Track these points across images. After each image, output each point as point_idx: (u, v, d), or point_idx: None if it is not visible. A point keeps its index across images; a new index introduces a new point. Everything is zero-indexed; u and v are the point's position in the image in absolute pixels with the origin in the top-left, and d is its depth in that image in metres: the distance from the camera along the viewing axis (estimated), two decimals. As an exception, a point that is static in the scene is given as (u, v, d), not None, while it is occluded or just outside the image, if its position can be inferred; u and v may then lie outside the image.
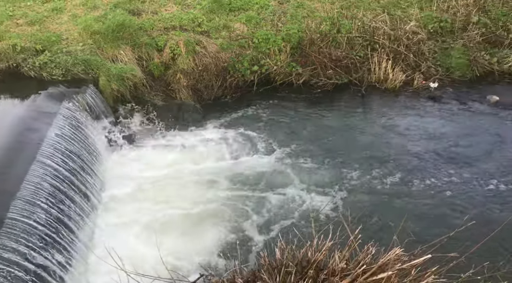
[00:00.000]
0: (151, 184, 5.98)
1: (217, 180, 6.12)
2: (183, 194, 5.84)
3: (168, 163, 6.36)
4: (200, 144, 6.80)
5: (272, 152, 6.71)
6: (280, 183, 6.12)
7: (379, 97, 8.06)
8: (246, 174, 6.23)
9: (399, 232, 4.33)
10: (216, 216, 5.56)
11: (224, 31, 8.61)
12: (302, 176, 6.20)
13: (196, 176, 6.15)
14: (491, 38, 8.66)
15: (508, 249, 4.08)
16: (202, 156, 6.56)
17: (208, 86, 8.14)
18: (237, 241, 5.18)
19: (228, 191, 5.93)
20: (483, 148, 6.47)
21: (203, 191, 5.92)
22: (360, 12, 9.05)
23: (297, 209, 5.67)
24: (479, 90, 7.94)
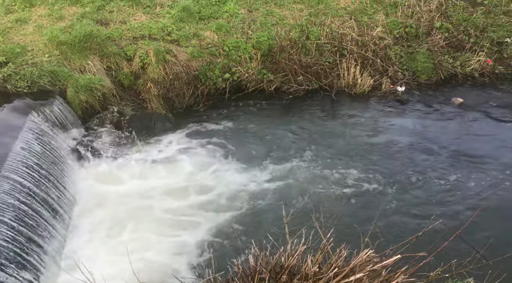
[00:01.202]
0: (119, 199, 5.87)
1: (187, 192, 6.04)
2: (152, 214, 5.76)
3: (137, 177, 6.25)
4: (171, 155, 6.72)
5: (245, 159, 6.70)
6: (253, 189, 6.12)
7: (349, 102, 8.21)
8: (218, 185, 6.19)
9: (371, 234, 4.41)
10: (186, 227, 5.51)
11: (194, 39, 8.61)
12: (276, 181, 6.22)
13: (166, 190, 6.06)
14: (453, 43, 8.97)
15: (474, 246, 4.19)
16: (174, 168, 6.47)
17: (180, 95, 8.10)
18: (212, 250, 5.16)
19: (197, 202, 5.87)
20: (449, 148, 6.66)
21: (173, 204, 5.84)
22: (328, 19, 9.22)
23: (270, 214, 5.68)
24: (444, 92, 8.20)
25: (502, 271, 3.87)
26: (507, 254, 3.87)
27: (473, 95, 8.01)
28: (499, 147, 6.60)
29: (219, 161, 6.65)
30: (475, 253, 4.02)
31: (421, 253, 3.97)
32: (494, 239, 4.64)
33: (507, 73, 8.50)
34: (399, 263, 4.05)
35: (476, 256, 3.99)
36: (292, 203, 5.81)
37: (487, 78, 8.47)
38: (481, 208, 5.25)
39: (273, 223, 5.51)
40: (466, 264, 3.93)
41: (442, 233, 4.55)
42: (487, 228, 5.08)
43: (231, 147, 6.98)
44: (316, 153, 6.76)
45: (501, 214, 5.34)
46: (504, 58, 8.75)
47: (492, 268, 3.90)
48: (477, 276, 3.89)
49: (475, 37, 8.97)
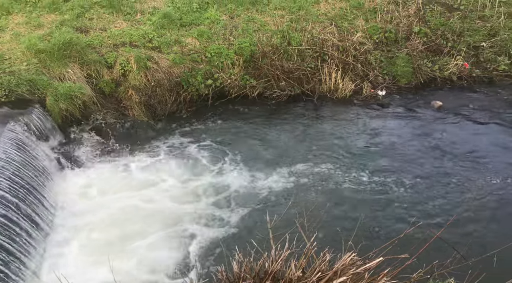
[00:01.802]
0: (100, 211, 5.78)
1: (167, 201, 5.99)
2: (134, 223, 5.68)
3: (119, 187, 6.15)
4: (153, 164, 6.64)
5: (230, 166, 6.68)
6: (238, 194, 6.11)
7: (330, 106, 8.28)
8: (204, 192, 6.16)
9: (354, 237, 4.44)
10: (168, 236, 5.46)
11: (175, 46, 8.58)
12: (260, 187, 6.22)
13: (148, 199, 5.98)
14: (432, 47, 9.15)
15: (454, 247, 4.25)
16: (156, 177, 6.39)
17: (162, 101, 8.05)
18: (196, 257, 5.12)
19: (179, 212, 5.81)
20: (430, 150, 6.77)
21: (155, 215, 5.78)
22: (309, 25, 9.31)
23: (254, 220, 5.67)
24: (424, 96, 8.34)
25: (481, 271, 3.92)
26: (486, 254, 3.93)
27: (452, 98, 8.16)
28: (477, 148, 6.73)
29: (202, 168, 6.61)
30: (455, 253, 4.08)
31: (403, 255, 4.02)
32: (474, 239, 4.74)
33: (483, 76, 8.69)
34: (382, 265, 4.08)
35: (456, 257, 4.05)
36: (276, 208, 5.81)
37: (465, 81, 8.65)
38: (461, 209, 5.34)
39: (258, 229, 5.50)
40: (447, 265, 3.99)
41: (423, 235, 4.62)
42: (466, 229, 5.17)
43: (215, 153, 6.95)
44: (299, 158, 6.78)
45: (479, 215, 5.44)
46: (480, 62, 8.96)
47: (471, 268, 3.96)
48: (458, 276, 3.94)
49: (452, 41, 9.16)
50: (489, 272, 4.02)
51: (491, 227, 5.22)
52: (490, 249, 4.03)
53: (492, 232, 5.13)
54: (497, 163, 6.40)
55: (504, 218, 5.37)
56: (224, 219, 5.72)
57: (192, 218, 5.70)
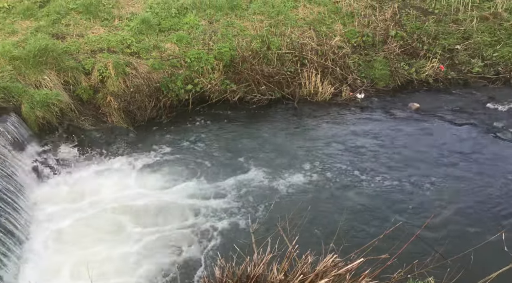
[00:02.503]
0: (76, 218, 5.68)
1: (147, 209, 5.91)
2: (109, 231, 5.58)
3: (95, 194, 6.05)
4: (133, 171, 6.54)
5: (210, 171, 6.65)
6: (218, 201, 6.07)
7: (311, 109, 8.34)
8: (184, 200, 6.10)
9: (336, 238, 4.47)
10: (145, 246, 5.40)
11: (154, 51, 8.53)
12: (240, 190, 6.21)
13: (128, 208, 5.90)
14: (408, 50, 9.33)
15: (433, 246, 4.33)
16: (135, 185, 6.30)
17: (141, 107, 7.98)
18: (177, 265, 5.06)
19: (157, 220, 5.74)
20: (407, 151, 6.87)
21: (134, 223, 5.70)
22: (288, 29, 9.39)
23: (236, 225, 5.65)
24: (401, 98, 8.49)
25: (459, 268, 4.00)
26: (463, 252, 4.00)
27: (429, 100, 8.33)
28: (452, 148, 6.87)
29: (182, 174, 6.55)
30: (434, 252, 4.15)
31: (383, 255, 4.06)
32: (451, 238, 4.83)
33: (458, 78, 8.89)
34: (363, 266, 4.12)
35: (435, 256, 4.12)
36: (258, 213, 5.80)
37: (441, 83, 8.84)
38: (438, 208, 5.44)
39: (240, 234, 5.48)
40: (427, 264, 4.05)
41: (403, 235, 4.68)
42: (444, 228, 5.26)
43: (195, 158, 6.91)
44: (280, 161, 6.80)
45: (456, 214, 5.54)
46: (455, 64, 9.17)
47: (450, 266, 4.03)
48: (437, 275, 4.00)
49: (428, 44, 9.36)
50: (467, 270, 4.10)
51: (467, 225, 5.32)
52: (467, 247, 4.10)
53: (468, 230, 5.23)
54: (472, 162, 6.54)
55: (480, 216, 5.48)
56: (205, 225, 5.68)
57: (175, 227, 5.64)
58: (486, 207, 5.64)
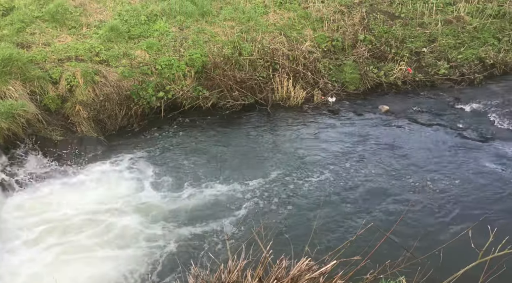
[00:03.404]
0: (43, 231, 5.51)
1: (116, 220, 5.81)
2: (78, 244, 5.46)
3: (64, 207, 5.91)
4: (104, 182, 6.40)
5: (182, 178, 6.58)
6: (192, 209, 6.02)
7: (284, 114, 8.40)
8: (157, 208, 6.01)
9: (310, 242, 4.50)
10: (116, 257, 5.29)
11: (124, 59, 8.42)
12: (214, 197, 6.17)
13: (88, 219, 5.77)
14: (377, 53, 9.54)
15: (404, 246, 4.41)
16: (105, 197, 6.15)
17: (112, 116, 7.84)
18: (150, 275, 4.99)
19: (128, 231, 5.64)
20: (377, 153, 7.00)
21: (104, 234, 5.58)
22: (259, 35, 9.45)
23: (210, 232, 5.60)
24: (371, 101, 8.65)
25: (429, 267, 4.10)
26: (433, 250, 4.10)
27: (398, 102, 8.52)
28: (421, 149, 7.05)
29: (152, 184, 6.45)
30: (405, 252, 4.23)
31: (356, 257, 4.11)
32: (421, 237, 4.93)
33: (426, 80, 9.14)
34: (337, 268, 4.16)
35: (406, 255, 4.20)
36: (232, 220, 5.78)
37: (409, 85, 9.06)
38: (408, 208, 5.55)
39: (215, 241, 5.45)
40: (399, 263, 4.13)
41: (375, 235, 4.76)
42: (414, 227, 5.38)
43: (167, 167, 6.82)
44: (254, 166, 6.80)
45: (426, 212, 5.68)
46: (422, 67, 9.43)
47: (421, 264, 4.12)
48: (408, 274, 4.08)
49: (395, 48, 9.60)
50: (437, 267, 4.21)
51: (436, 223, 5.46)
52: (436, 245, 4.20)
53: (437, 229, 5.36)
54: (439, 162, 6.72)
55: (447, 214, 5.63)
56: (179, 235, 5.61)
57: (144, 237, 5.54)
58: (453, 205, 5.80)
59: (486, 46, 9.63)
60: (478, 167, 6.57)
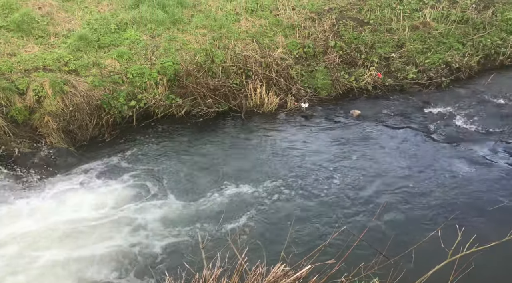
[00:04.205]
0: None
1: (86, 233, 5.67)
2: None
3: (28, 223, 5.72)
4: (74, 195, 6.25)
5: (153, 190, 6.48)
6: (167, 219, 5.95)
7: (258, 120, 8.43)
8: (132, 221, 5.91)
9: (286, 247, 4.52)
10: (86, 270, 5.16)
11: (94, 68, 8.28)
12: (187, 207, 6.12)
13: (63, 233, 5.63)
14: (347, 59, 9.71)
15: (377, 248, 4.48)
16: (75, 211, 6.02)
17: (82, 126, 7.68)
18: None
19: (102, 246, 5.53)
20: (349, 156, 7.12)
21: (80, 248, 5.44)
22: (231, 42, 9.48)
23: (186, 242, 5.54)
24: (343, 106, 8.79)
25: (402, 267, 4.17)
26: (405, 251, 4.18)
27: (368, 107, 8.69)
28: (392, 151, 7.20)
29: (122, 195, 6.33)
30: (378, 254, 4.30)
31: (330, 260, 4.15)
32: (394, 238, 5.02)
33: (395, 84, 9.35)
34: (313, 272, 4.19)
35: (380, 257, 4.27)
36: (207, 229, 5.74)
37: (379, 90, 9.25)
38: (380, 210, 5.65)
39: (190, 251, 5.39)
40: (373, 265, 4.19)
41: (349, 238, 4.82)
42: (386, 229, 5.48)
43: (139, 177, 6.71)
44: (228, 174, 6.79)
45: (397, 214, 5.79)
46: (392, 72, 9.66)
47: (393, 266, 4.19)
48: (382, 275, 4.14)
49: (365, 53, 9.80)
50: (409, 268, 4.29)
51: (407, 224, 5.58)
52: (408, 246, 4.29)
53: (408, 230, 5.47)
54: (409, 163, 6.88)
55: (418, 214, 5.76)
56: (154, 244, 5.53)
57: (118, 251, 5.43)
58: (423, 206, 5.94)
59: (451, 50, 9.96)
60: (446, 168, 6.76)
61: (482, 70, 9.83)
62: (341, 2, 11.04)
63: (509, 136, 7.48)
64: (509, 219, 5.66)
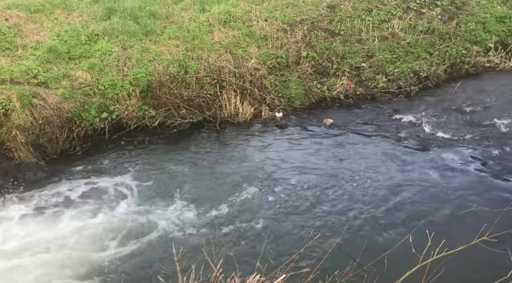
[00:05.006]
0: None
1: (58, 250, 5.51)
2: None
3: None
4: (44, 211, 6.07)
5: (126, 204, 6.37)
6: (139, 231, 5.85)
7: (232, 131, 8.44)
8: (106, 234, 5.78)
9: (262, 257, 4.50)
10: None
11: (64, 80, 8.13)
12: (161, 220, 6.04)
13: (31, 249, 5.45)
14: (319, 69, 9.88)
15: (351, 255, 4.52)
16: (41, 224, 5.84)
17: (52, 139, 7.50)
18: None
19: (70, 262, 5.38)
20: (322, 165, 7.20)
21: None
22: (204, 53, 9.49)
23: (159, 254, 5.46)
24: (316, 115, 8.91)
25: (375, 274, 4.22)
26: (378, 257, 4.23)
27: (341, 116, 8.84)
28: (364, 159, 7.33)
29: (93, 210, 6.20)
30: (352, 261, 4.34)
31: (305, 269, 4.16)
32: (367, 245, 5.09)
33: (366, 93, 9.55)
34: (288, 281, 4.18)
35: (354, 264, 4.30)
36: (181, 240, 5.67)
37: (351, 99, 9.43)
38: (352, 217, 5.73)
39: (164, 264, 5.30)
40: (347, 273, 4.21)
41: (323, 246, 4.85)
42: (359, 236, 5.55)
43: (110, 191, 6.59)
44: (202, 185, 6.76)
45: (369, 220, 5.88)
46: (362, 81, 9.87)
47: (367, 272, 4.23)
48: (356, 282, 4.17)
49: (337, 63, 9.99)
50: (382, 274, 4.34)
51: (379, 231, 5.67)
52: (381, 252, 4.34)
53: (381, 236, 5.57)
54: (381, 170, 7.02)
55: (389, 221, 5.87)
56: (127, 260, 5.42)
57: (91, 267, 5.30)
58: (395, 212, 6.06)
59: (419, 60, 10.27)
60: (417, 174, 6.92)
61: (449, 78, 10.17)
62: (312, 13, 11.24)
63: (476, 143, 7.74)
64: (478, 223, 5.81)
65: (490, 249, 3.89)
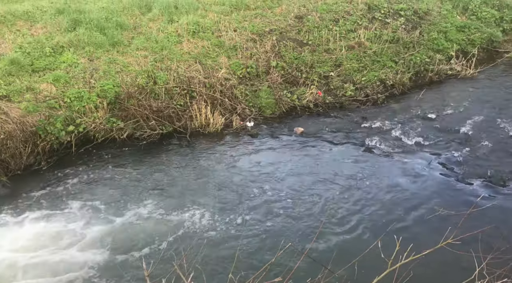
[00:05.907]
0: None
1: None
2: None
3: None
4: (6, 231, 5.83)
5: (94, 217, 6.22)
6: (106, 245, 5.70)
7: (203, 141, 8.39)
8: (72, 253, 5.61)
9: (234, 268, 4.46)
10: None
11: (28, 93, 7.90)
12: (129, 233, 5.91)
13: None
14: (289, 79, 9.99)
15: (322, 262, 4.54)
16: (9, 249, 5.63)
17: (16, 155, 7.25)
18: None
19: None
20: (293, 173, 7.25)
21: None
22: (173, 63, 9.43)
23: (127, 269, 5.33)
24: (287, 124, 8.98)
25: (346, 280, 4.26)
26: (348, 264, 4.27)
27: (311, 124, 8.94)
28: (334, 166, 7.42)
29: (58, 226, 6.01)
30: (324, 268, 4.36)
31: (277, 278, 4.14)
32: (337, 251, 5.14)
33: (335, 102, 9.71)
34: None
35: (325, 271, 4.32)
36: (151, 254, 5.56)
37: (321, 108, 9.56)
38: (323, 225, 5.78)
39: (133, 278, 5.18)
40: (319, 280, 4.22)
41: (295, 255, 4.86)
42: (330, 243, 5.59)
43: (75, 206, 6.41)
44: (172, 197, 6.67)
45: (339, 227, 5.93)
46: (331, 90, 10.04)
47: (338, 279, 4.27)
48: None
49: (306, 72, 10.13)
50: (353, 280, 4.38)
51: (349, 237, 5.73)
52: (351, 258, 4.38)
53: (351, 242, 5.63)
54: (350, 177, 7.12)
55: (358, 227, 5.95)
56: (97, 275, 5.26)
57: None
58: (364, 218, 6.14)
59: (385, 68, 10.55)
60: (384, 180, 7.06)
61: (414, 86, 10.48)
62: (281, 23, 11.39)
63: (441, 148, 7.97)
64: (444, 226, 5.97)
65: (455, 251, 4.00)
